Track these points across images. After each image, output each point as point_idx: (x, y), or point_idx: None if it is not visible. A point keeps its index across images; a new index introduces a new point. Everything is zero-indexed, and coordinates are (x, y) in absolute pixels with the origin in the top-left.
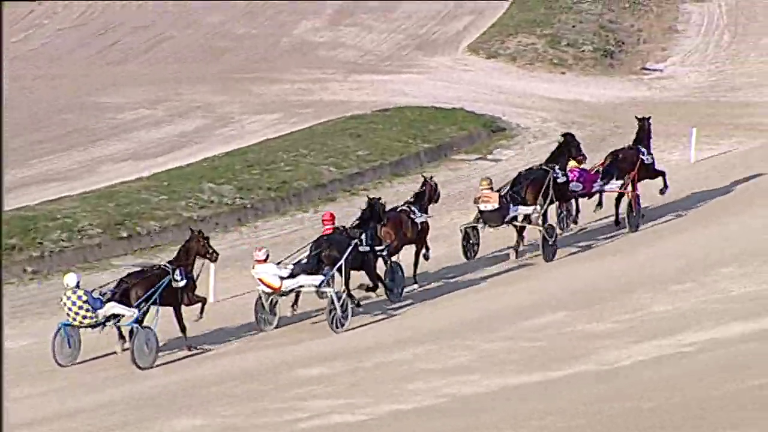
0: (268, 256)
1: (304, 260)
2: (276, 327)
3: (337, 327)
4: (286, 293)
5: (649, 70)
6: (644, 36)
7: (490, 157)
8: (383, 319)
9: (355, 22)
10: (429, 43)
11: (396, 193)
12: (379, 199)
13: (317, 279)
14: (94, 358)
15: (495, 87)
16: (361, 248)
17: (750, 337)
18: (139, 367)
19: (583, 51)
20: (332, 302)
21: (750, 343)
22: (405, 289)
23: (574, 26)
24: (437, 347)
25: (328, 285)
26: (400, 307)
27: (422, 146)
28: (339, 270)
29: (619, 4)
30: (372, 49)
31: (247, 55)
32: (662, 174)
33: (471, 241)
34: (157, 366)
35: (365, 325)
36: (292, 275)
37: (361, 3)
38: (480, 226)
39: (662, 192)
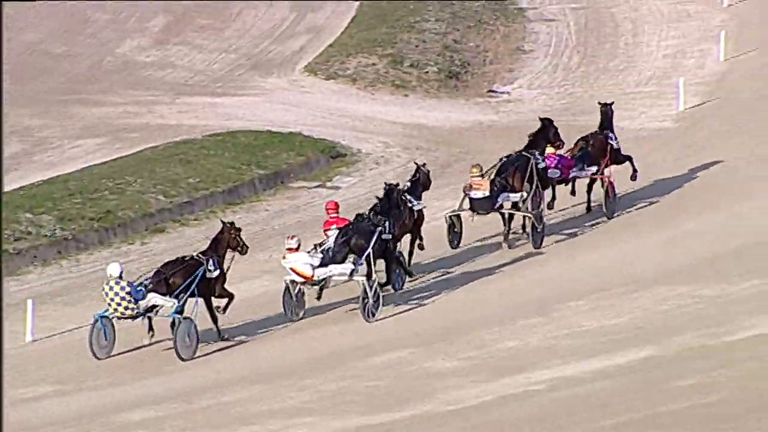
0: (299, 245)
1: (331, 249)
2: (300, 318)
3: (369, 316)
4: (318, 282)
5: (495, 92)
6: (490, 57)
7: (329, 184)
8: (216, 356)
9: (185, 41)
10: (264, 63)
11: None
12: (397, 185)
13: (348, 267)
14: None
15: (334, 110)
16: (384, 236)
17: (602, 375)
18: (182, 359)
19: (426, 72)
20: (364, 291)
21: (602, 380)
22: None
23: (417, 46)
24: (273, 387)
25: (359, 273)
26: (233, 345)
27: (257, 173)
28: (367, 258)
29: (464, 23)
30: (203, 70)
31: (67, 75)
32: (629, 159)
33: (456, 230)
34: None
35: (197, 361)
36: (323, 264)
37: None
38: (467, 214)
39: (633, 177)
